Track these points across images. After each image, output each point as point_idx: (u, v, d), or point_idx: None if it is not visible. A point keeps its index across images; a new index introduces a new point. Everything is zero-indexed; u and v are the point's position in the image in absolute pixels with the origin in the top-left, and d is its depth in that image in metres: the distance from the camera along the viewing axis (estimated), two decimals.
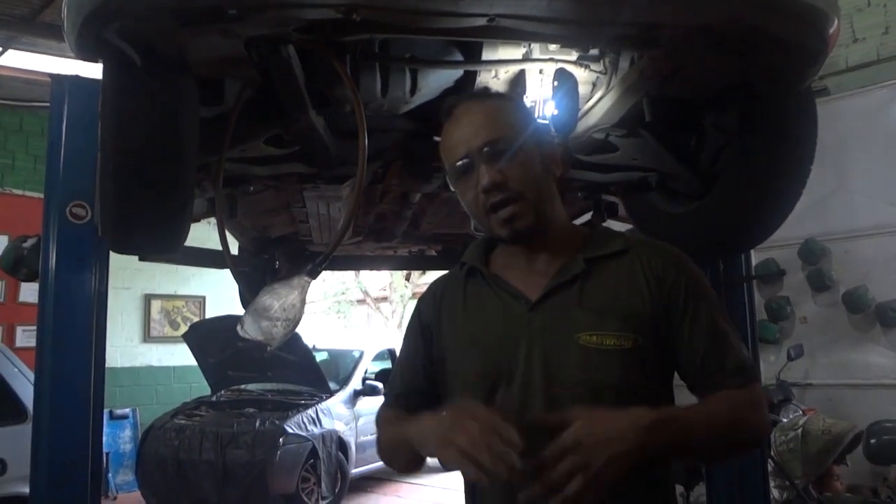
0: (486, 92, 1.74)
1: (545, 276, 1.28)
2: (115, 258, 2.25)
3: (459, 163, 1.27)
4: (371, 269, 5.21)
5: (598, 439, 1.05)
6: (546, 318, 1.25)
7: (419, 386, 1.40)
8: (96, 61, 1.58)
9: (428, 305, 1.42)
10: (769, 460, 3.87)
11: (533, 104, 1.93)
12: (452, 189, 1.35)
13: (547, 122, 1.88)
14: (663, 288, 1.25)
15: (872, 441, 4.17)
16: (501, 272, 1.33)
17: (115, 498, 7.34)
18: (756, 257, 4.29)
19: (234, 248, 3.25)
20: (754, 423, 1.23)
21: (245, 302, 3.94)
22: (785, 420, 4.47)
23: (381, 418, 1.44)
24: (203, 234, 2.94)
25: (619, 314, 1.23)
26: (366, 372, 7.73)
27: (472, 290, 1.35)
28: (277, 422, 6.24)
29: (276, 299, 1.70)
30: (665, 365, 1.26)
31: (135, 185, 1.67)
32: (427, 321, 1.40)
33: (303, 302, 1.73)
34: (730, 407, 1.19)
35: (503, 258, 1.36)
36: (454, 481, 5.04)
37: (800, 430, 4.21)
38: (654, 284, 1.25)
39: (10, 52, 6.38)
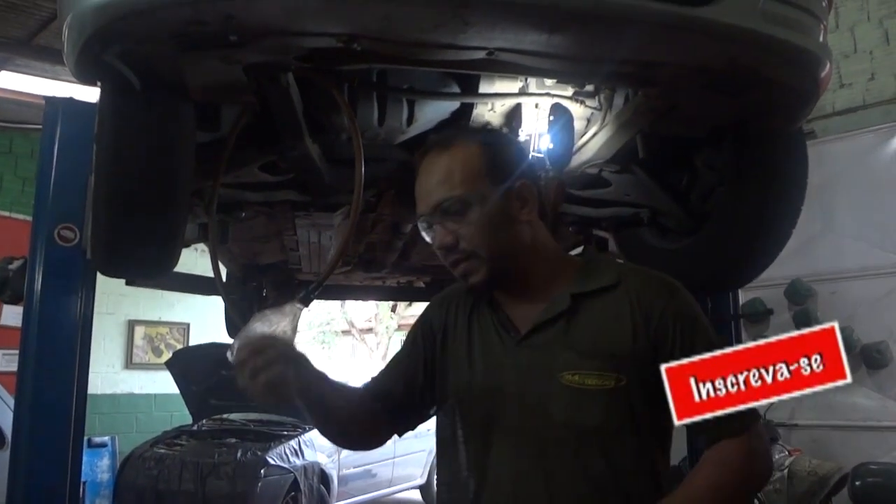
0: (454, 136, 1.41)
1: (538, 305, 1.25)
2: (99, 282, 2.22)
3: (420, 220, 1.28)
4: (359, 300, 5.18)
5: None
6: (531, 354, 1.22)
7: (394, 392, 1.38)
8: (94, 84, 1.58)
9: (439, 312, 1.38)
10: (755, 500, 3.85)
11: (528, 138, 1.94)
12: None
13: (542, 156, 1.90)
14: (650, 323, 1.19)
15: (857, 483, 4.16)
16: (502, 298, 1.31)
17: None
18: (743, 296, 4.30)
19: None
20: (756, 472, 1.18)
21: (231, 329, 3.90)
22: None
23: None
24: (190, 259, 2.91)
25: (603, 353, 1.18)
26: None
27: (477, 311, 1.33)
28: (259, 453, 6.13)
29: (267, 326, 1.67)
30: (656, 405, 1.15)
31: (128, 209, 1.66)
32: (436, 326, 1.37)
33: (294, 330, 1.70)
34: (726, 470, 1.15)
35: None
36: None
37: (786, 471, 4.19)
38: (642, 320, 1.19)
39: (4, 74, 6.37)
